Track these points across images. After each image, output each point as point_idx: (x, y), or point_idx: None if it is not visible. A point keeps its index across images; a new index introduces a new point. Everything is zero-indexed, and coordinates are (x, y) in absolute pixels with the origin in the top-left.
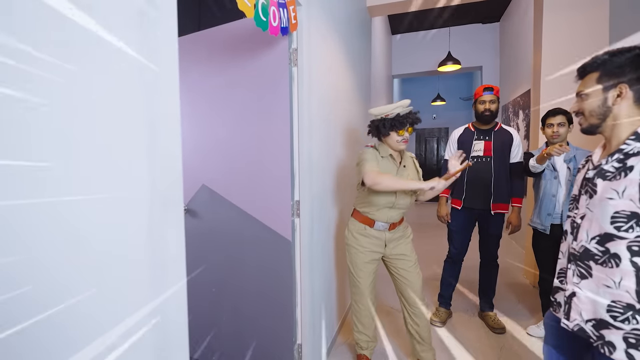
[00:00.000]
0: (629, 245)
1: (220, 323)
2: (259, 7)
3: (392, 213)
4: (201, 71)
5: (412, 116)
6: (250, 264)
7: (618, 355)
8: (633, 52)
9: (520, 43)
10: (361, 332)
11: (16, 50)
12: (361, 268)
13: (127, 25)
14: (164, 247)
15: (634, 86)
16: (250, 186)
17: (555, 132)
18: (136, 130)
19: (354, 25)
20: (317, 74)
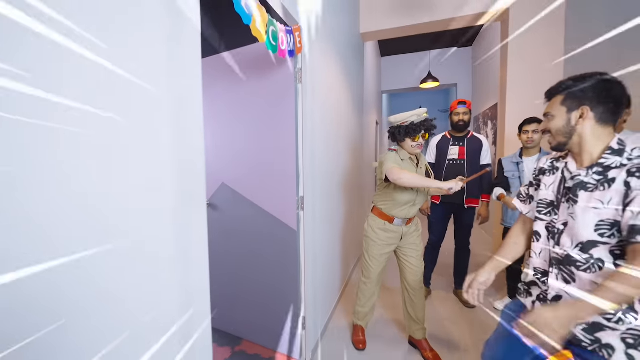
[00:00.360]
0: (611, 249)
1: (237, 298)
2: (270, 33)
3: (412, 210)
4: (222, 87)
5: (427, 124)
6: (262, 249)
7: (618, 357)
8: (594, 78)
9: (489, 64)
10: (362, 306)
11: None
12: (375, 258)
13: (158, 51)
14: (189, 233)
15: (595, 108)
16: (262, 184)
17: (529, 138)
18: (166, 138)
19: (350, 49)
20: (318, 90)
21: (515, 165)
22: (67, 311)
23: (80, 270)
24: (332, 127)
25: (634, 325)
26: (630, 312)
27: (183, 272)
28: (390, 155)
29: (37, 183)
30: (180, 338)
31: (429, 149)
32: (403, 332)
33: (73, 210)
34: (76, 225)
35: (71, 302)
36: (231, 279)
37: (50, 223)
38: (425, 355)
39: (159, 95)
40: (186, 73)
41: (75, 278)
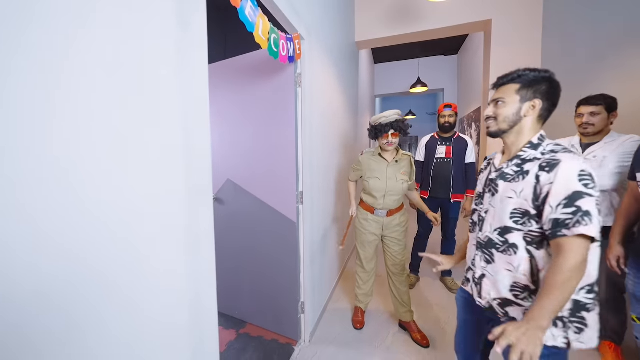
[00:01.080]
0: (524, 236)
1: (242, 285)
2: (272, 40)
3: (387, 200)
4: (228, 90)
5: (394, 124)
6: (264, 240)
7: None
8: (547, 73)
9: (473, 71)
10: (361, 288)
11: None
12: (364, 245)
13: (168, 55)
14: (198, 223)
15: (543, 103)
16: (265, 180)
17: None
18: (177, 138)
19: (345, 56)
20: (316, 93)
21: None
22: (81, 300)
23: (95, 259)
24: (328, 128)
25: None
26: (534, 295)
27: (192, 260)
28: (357, 161)
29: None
30: (190, 320)
31: (419, 148)
32: (394, 318)
33: (92, 205)
34: (94, 218)
35: (85, 289)
36: (236, 267)
37: (66, 217)
38: (414, 336)
39: (170, 99)
40: (194, 78)
41: (89, 267)
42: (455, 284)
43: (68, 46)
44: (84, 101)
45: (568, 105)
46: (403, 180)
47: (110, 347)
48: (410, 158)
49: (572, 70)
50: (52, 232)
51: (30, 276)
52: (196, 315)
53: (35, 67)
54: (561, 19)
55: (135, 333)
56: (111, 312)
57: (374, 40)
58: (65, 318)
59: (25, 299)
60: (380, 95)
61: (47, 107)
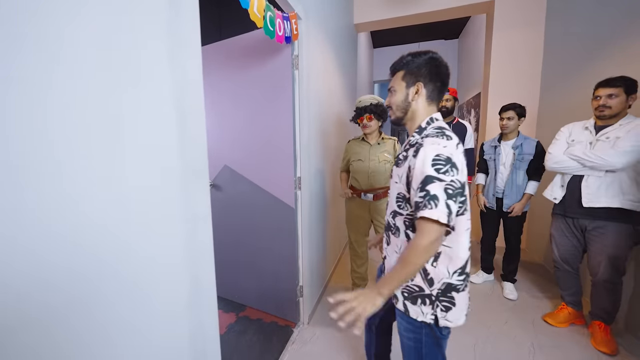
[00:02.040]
0: (404, 220)
1: (241, 269)
2: (267, 19)
3: (372, 180)
4: (222, 73)
5: (367, 109)
6: (263, 226)
7: (399, 305)
8: (427, 55)
9: (474, 56)
10: (355, 271)
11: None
12: (353, 226)
13: (160, 39)
14: (195, 207)
15: (427, 85)
16: (262, 165)
17: (504, 125)
18: (170, 122)
19: (344, 39)
20: (314, 76)
21: (493, 149)
22: (88, 284)
23: (97, 242)
24: (326, 112)
25: (409, 284)
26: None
27: (190, 245)
28: (345, 147)
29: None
30: (189, 304)
31: None
32: None
33: (93, 190)
34: (98, 203)
35: (91, 272)
36: (236, 253)
37: (57, 207)
38: None
39: (162, 82)
40: (187, 60)
41: (94, 249)
42: None
43: (59, 30)
44: (73, 86)
45: (572, 86)
46: (386, 161)
47: (109, 333)
48: (394, 141)
49: (575, 52)
50: (46, 220)
51: (34, 265)
52: (195, 299)
53: (26, 45)
54: (566, 0)
55: (133, 318)
56: (108, 298)
57: (373, 22)
58: (67, 298)
59: (30, 284)
60: (379, 80)
61: (38, 92)
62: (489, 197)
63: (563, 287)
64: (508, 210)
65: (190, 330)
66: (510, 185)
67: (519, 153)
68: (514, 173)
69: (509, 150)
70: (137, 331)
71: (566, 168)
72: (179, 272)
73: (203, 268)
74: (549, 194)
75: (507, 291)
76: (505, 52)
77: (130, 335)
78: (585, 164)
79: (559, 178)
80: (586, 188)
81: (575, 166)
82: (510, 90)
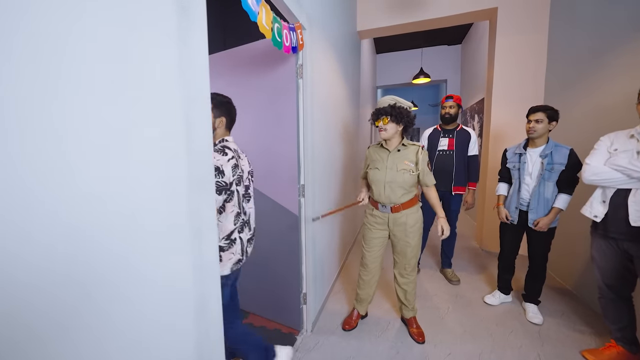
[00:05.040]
0: None
1: (246, 276)
2: (275, 30)
3: (389, 192)
4: (228, 82)
5: (383, 110)
6: (267, 233)
7: None
8: (225, 99)
9: (477, 61)
10: (361, 288)
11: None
12: (368, 242)
13: (169, 49)
14: (200, 218)
15: (224, 118)
16: (267, 173)
17: (531, 128)
18: (178, 131)
19: (347, 46)
20: (318, 85)
21: (517, 157)
22: (94, 284)
23: (106, 249)
24: (330, 120)
25: None
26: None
27: (196, 252)
28: (366, 153)
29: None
30: (196, 308)
31: (421, 139)
32: (396, 308)
33: (91, 202)
34: (104, 210)
35: (97, 275)
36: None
37: (64, 214)
38: (412, 331)
39: (172, 92)
40: (195, 69)
41: (100, 256)
42: (455, 276)
43: (66, 35)
44: (82, 94)
45: (576, 92)
46: (405, 170)
47: (117, 345)
48: (418, 148)
49: (580, 57)
50: (50, 227)
51: (35, 279)
52: (201, 307)
53: (29, 51)
54: (570, 6)
55: (135, 331)
56: (114, 310)
57: (376, 29)
58: (70, 310)
59: (30, 290)
60: (382, 86)
61: (46, 98)
62: (511, 210)
63: (610, 319)
64: (533, 224)
65: (196, 337)
66: (537, 197)
67: (548, 162)
68: (542, 184)
69: (537, 158)
70: (143, 349)
71: (608, 180)
72: (184, 279)
73: (208, 276)
74: (588, 211)
75: (531, 314)
76: (509, 57)
77: (136, 346)
78: (633, 175)
79: (600, 193)
80: (634, 204)
81: (620, 178)
82: (514, 95)
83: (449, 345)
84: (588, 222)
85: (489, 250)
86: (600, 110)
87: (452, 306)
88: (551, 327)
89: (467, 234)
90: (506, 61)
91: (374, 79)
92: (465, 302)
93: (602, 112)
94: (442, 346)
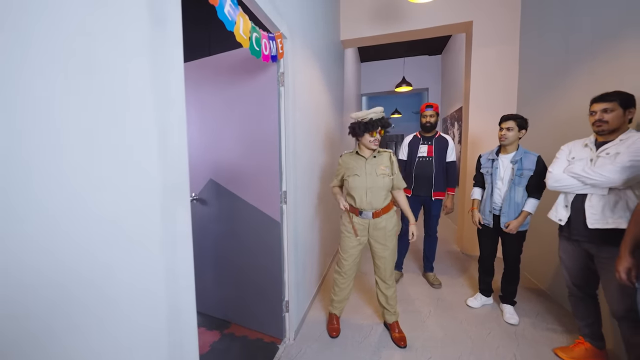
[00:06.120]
0: None
1: (226, 286)
2: (253, 39)
3: (370, 197)
4: (211, 87)
5: (383, 121)
6: (248, 240)
7: None
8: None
9: (456, 71)
10: (337, 294)
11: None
12: (347, 251)
13: (141, 56)
14: (175, 224)
15: None
16: (248, 180)
17: (502, 135)
18: (150, 136)
19: (330, 54)
20: (300, 93)
21: (490, 162)
22: (65, 299)
23: (74, 260)
24: (312, 127)
25: None
26: None
27: (169, 262)
28: (339, 161)
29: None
30: (168, 322)
31: (402, 147)
32: (377, 313)
33: (70, 206)
34: (72, 220)
35: (68, 288)
36: (220, 268)
37: (47, 220)
38: (394, 336)
39: (144, 99)
40: (169, 76)
41: (72, 265)
42: (436, 279)
43: (33, 42)
44: (49, 99)
45: (547, 100)
46: (384, 174)
47: (83, 354)
48: (390, 154)
49: (548, 69)
50: (19, 242)
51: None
52: (174, 317)
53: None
54: (538, 20)
55: (107, 340)
56: (81, 319)
57: (358, 39)
58: (42, 324)
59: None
60: (367, 94)
61: (15, 105)
62: (485, 214)
63: (579, 316)
64: (504, 226)
65: (168, 350)
66: (509, 202)
67: (518, 168)
68: (513, 189)
69: (508, 164)
70: (110, 352)
71: (567, 187)
72: (156, 290)
73: (182, 285)
74: (554, 216)
75: (508, 315)
76: (484, 68)
77: (104, 358)
78: (586, 181)
79: (562, 198)
80: (590, 208)
81: (575, 184)
82: (489, 104)
83: (430, 350)
84: (557, 225)
85: (469, 254)
86: (564, 119)
87: (434, 310)
88: (526, 327)
89: (449, 238)
90: (482, 72)
91: (359, 87)
92: (446, 306)
93: (565, 122)
94: (423, 350)
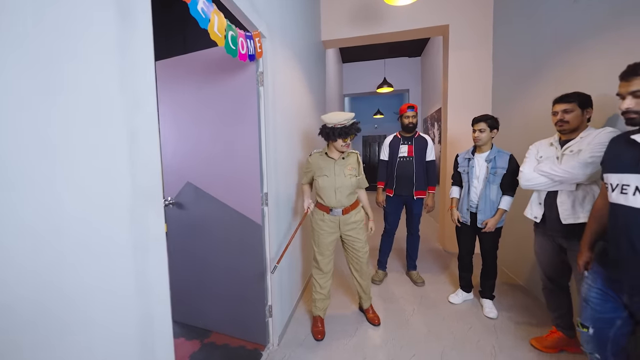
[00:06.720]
0: None
1: (206, 293)
2: (229, 38)
3: (339, 196)
4: (185, 87)
5: (355, 127)
6: (229, 244)
7: None
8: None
9: (434, 73)
10: (318, 293)
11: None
12: (323, 247)
13: (109, 54)
14: (146, 230)
15: None
16: (227, 182)
17: (476, 137)
18: (119, 140)
19: (311, 55)
20: (279, 93)
21: (466, 162)
22: (31, 307)
23: (40, 267)
24: (294, 127)
25: None
26: None
27: (140, 269)
28: (307, 163)
29: None
30: (139, 334)
31: (383, 147)
32: (362, 315)
33: (33, 211)
34: (35, 224)
35: (34, 293)
36: (199, 274)
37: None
38: (369, 317)
39: (111, 99)
40: (138, 74)
41: (37, 273)
42: (419, 277)
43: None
44: (5, 99)
45: (518, 101)
46: (350, 175)
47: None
48: (357, 154)
49: (518, 72)
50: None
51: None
52: (147, 325)
53: None
54: (508, 27)
55: (72, 352)
56: (47, 330)
57: (339, 40)
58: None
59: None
60: (349, 94)
61: None
62: (463, 212)
63: (552, 307)
64: (482, 225)
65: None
66: (484, 199)
67: (492, 167)
68: (487, 187)
69: (483, 163)
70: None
71: (538, 185)
72: (125, 299)
73: (155, 294)
74: (530, 213)
75: (487, 309)
76: (461, 70)
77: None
78: (554, 178)
79: (536, 196)
80: (561, 204)
81: (545, 182)
82: (466, 105)
83: (414, 346)
84: (533, 222)
85: (451, 251)
86: (533, 119)
87: (417, 307)
88: (504, 320)
89: (431, 236)
90: (458, 74)
91: (341, 87)
92: (429, 303)
93: (534, 122)
94: (408, 347)
